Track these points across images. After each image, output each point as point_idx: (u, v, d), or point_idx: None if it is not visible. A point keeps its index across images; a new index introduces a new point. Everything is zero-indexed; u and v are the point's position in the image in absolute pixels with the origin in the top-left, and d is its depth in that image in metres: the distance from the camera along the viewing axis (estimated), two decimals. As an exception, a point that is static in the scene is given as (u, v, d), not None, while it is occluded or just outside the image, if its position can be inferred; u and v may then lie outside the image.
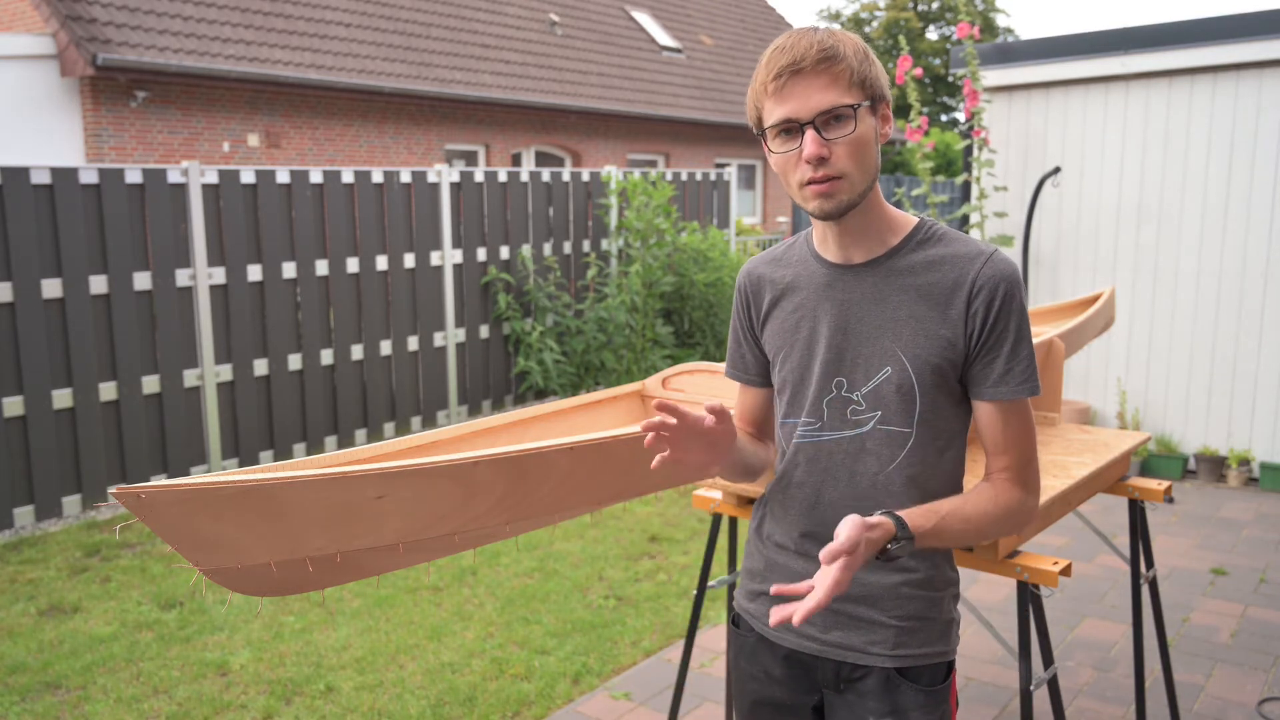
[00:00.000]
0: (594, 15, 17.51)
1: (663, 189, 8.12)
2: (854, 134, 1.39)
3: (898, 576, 1.51)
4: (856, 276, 1.50)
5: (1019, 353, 1.44)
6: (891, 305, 1.47)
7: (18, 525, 5.02)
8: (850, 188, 1.41)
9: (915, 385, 1.46)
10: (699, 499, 2.64)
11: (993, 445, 1.48)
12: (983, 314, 1.43)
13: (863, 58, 1.41)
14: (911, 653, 1.51)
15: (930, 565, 1.53)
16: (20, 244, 4.92)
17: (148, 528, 1.70)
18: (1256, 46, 5.36)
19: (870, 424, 1.49)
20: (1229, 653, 3.63)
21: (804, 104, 1.38)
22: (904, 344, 1.46)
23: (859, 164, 1.41)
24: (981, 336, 1.44)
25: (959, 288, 1.44)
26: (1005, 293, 1.43)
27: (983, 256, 1.45)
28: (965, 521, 1.42)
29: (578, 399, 2.20)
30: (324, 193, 6.29)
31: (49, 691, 3.40)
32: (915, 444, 1.48)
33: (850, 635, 1.53)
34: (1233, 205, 5.59)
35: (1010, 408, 1.46)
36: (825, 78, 1.38)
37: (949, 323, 1.44)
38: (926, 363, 1.45)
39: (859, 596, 1.53)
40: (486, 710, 3.26)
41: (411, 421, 6.92)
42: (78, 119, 10.37)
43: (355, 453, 1.66)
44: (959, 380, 1.48)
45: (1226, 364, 5.69)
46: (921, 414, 1.47)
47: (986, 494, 1.46)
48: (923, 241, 1.49)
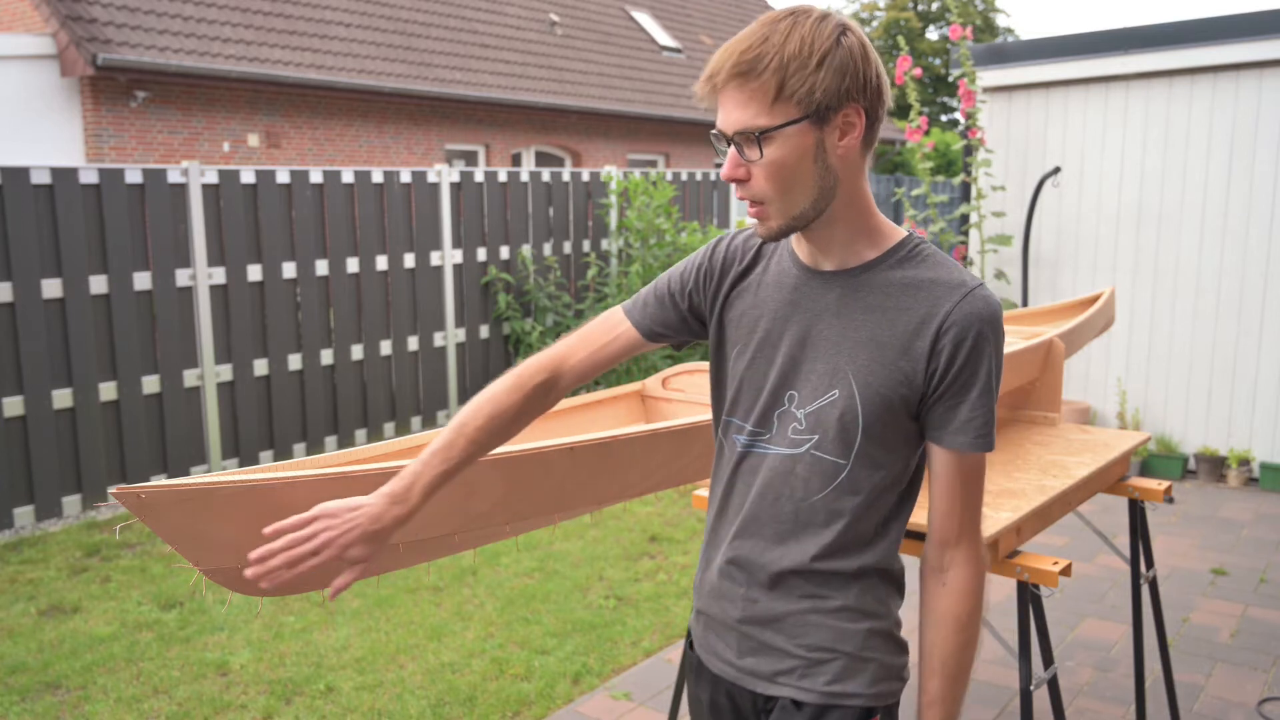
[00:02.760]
0: (594, 15, 17.52)
1: (664, 189, 8.12)
2: (763, 160, 1.25)
3: (806, 603, 1.38)
4: (824, 285, 1.37)
5: (983, 404, 1.30)
6: (854, 323, 1.34)
7: (18, 525, 5.02)
8: (779, 213, 1.29)
9: (859, 415, 1.32)
10: (699, 499, 2.64)
11: (941, 501, 1.34)
12: (949, 353, 1.29)
13: (800, 65, 1.21)
14: (816, 687, 1.37)
15: (845, 592, 1.38)
16: (20, 244, 4.92)
17: (148, 528, 1.70)
18: (1256, 46, 5.36)
19: (805, 447, 1.36)
20: (1229, 653, 3.63)
21: (726, 119, 1.27)
22: (856, 368, 1.33)
23: (780, 188, 1.26)
24: (945, 378, 1.30)
25: (929, 320, 1.29)
26: (978, 334, 1.28)
27: (962, 290, 1.30)
28: (951, 668, 1.34)
29: (578, 399, 2.20)
30: (324, 193, 6.29)
31: (49, 691, 3.40)
32: (847, 479, 1.35)
33: (760, 662, 1.42)
34: (1233, 205, 5.59)
35: (967, 462, 1.33)
36: (741, 94, 1.24)
37: (910, 355, 1.30)
38: (877, 393, 1.31)
39: (767, 620, 1.41)
40: (486, 710, 3.26)
41: (411, 421, 6.92)
42: (78, 119, 10.37)
43: (355, 453, 1.66)
44: (914, 418, 1.34)
45: (1226, 364, 5.69)
46: (861, 448, 1.33)
47: (946, 611, 1.35)
48: (904, 260, 1.34)
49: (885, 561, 1.40)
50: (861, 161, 1.31)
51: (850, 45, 1.24)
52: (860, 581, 1.38)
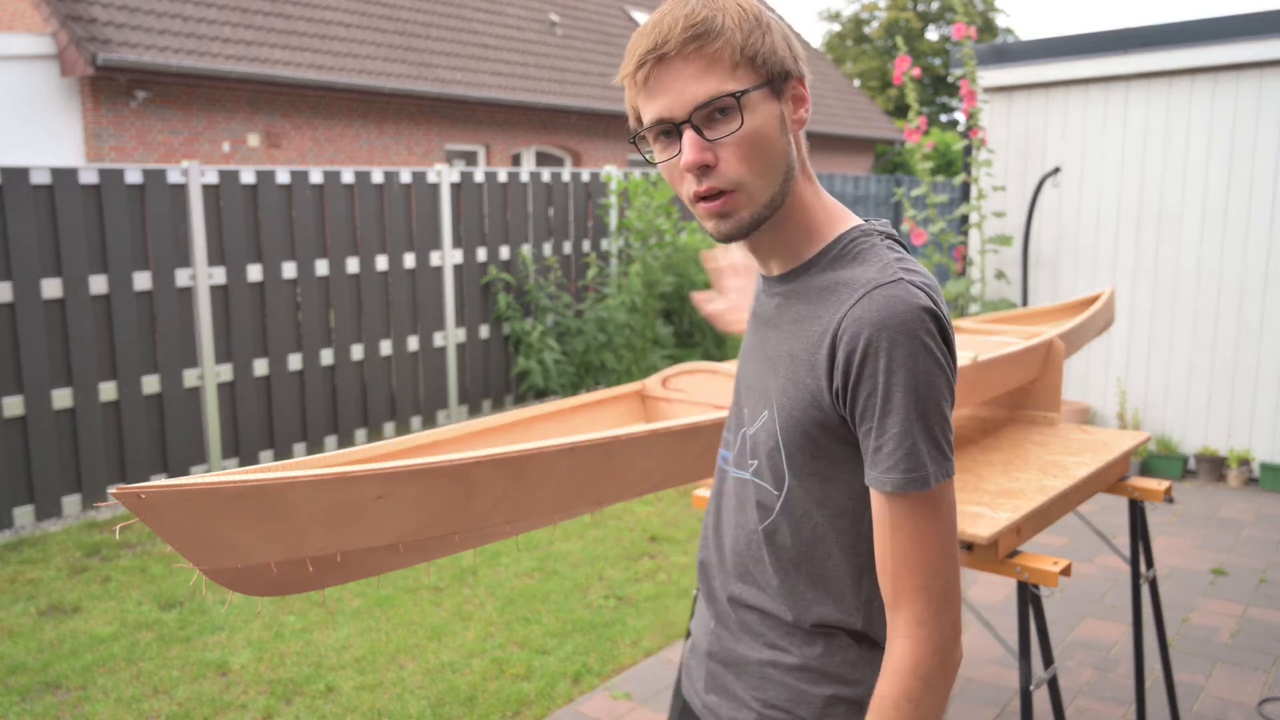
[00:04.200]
0: (594, 15, 17.52)
1: (664, 189, 8.12)
2: (743, 129, 1.08)
3: (766, 653, 1.23)
4: (768, 292, 1.24)
5: (886, 428, 1.06)
6: (781, 335, 1.18)
7: (18, 525, 5.02)
8: (749, 201, 1.11)
9: (780, 443, 1.17)
10: (699, 499, 2.64)
11: (877, 558, 1.12)
12: (843, 368, 1.08)
13: (753, 26, 1.09)
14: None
15: (807, 649, 1.20)
16: (20, 244, 4.92)
17: (148, 528, 1.70)
18: (1256, 46, 5.37)
19: (749, 471, 1.23)
20: (1229, 653, 3.63)
21: (677, 98, 1.08)
22: (777, 388, 1.17)
23: (756, 168, 1.10)
24: (848, 399, 1.09)
25: (829, 328, 1.10)
26: (869, 342, 1.05)
27: (865, 288, 1.09)
28: None
29: (578, 399, 2.20)
30: (324, 193, 6.29)
31: (49, 691, 3.40)
32: (783, 514, 1.19)
33: (721, 704, 1.29)
34: (1233, 205, 5.59)
35: (891, 504, 1.07)
36: (698, 61, 1.07)
37: (814, 372, 1.12)
38: (792, 417, 1.15)
39: (729, 662, 1.28)
40: (486, 710, 3.26)
41: (411, 421, 6.92)
42: (78, 119, 10.38)
43: (355, 453, 1.66)
44: (852, 444, 1.13)
45: (1226, 364, 5.69)
46: (792, 480, 1.17)
47: (877, 688, 1.11)
48: (837, 258, 1.16)
49: (862, 624, 1.20)
50: (803, 147, 1.17)
51: (777, 18, 1.14)
52: (826, 640, 1.20)
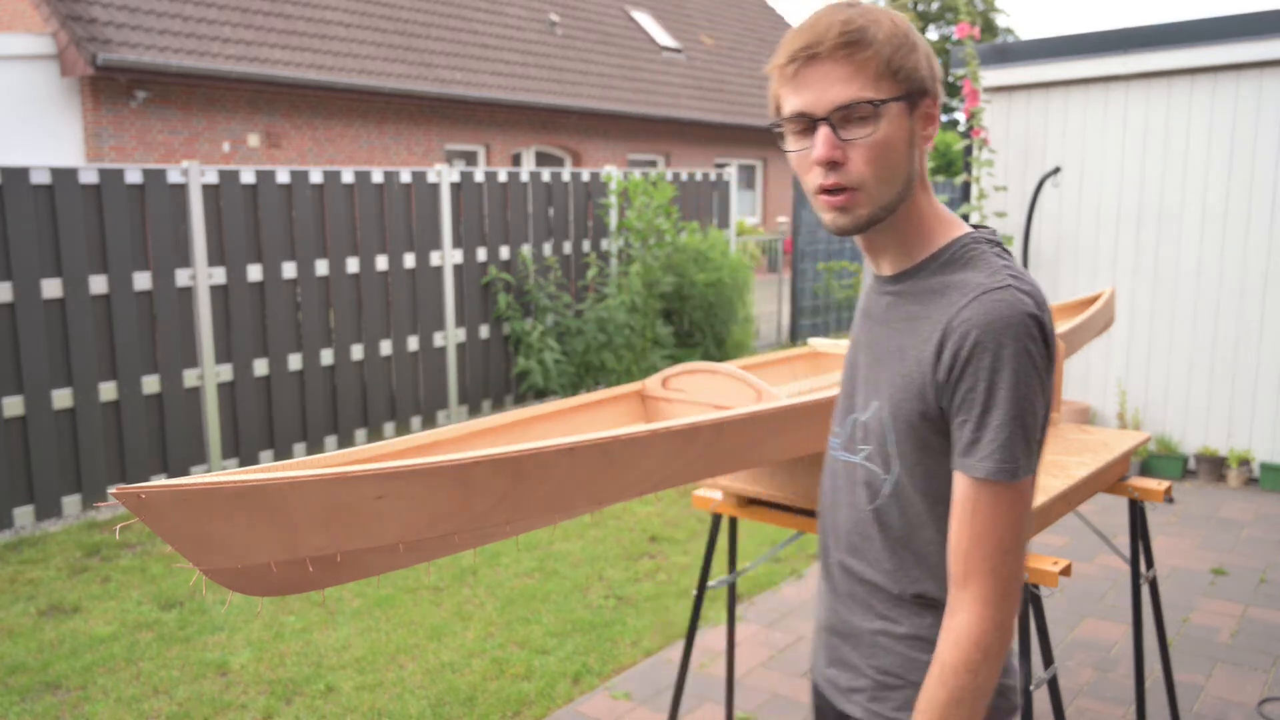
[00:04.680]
0: (594, 15, 17.52)
1: (664, 189, 8.12)
2: (875, 136, 1.17)
3: (878, 624, 1.33)
4: (880, 291, 1.33)
5: (988, 421, 1.15)
6: (892, 332, 1.28)
7: (18, 525, 5.02)
8: (869, 201, 1.20)
9: (889, 431, 1.27)
10: (699, 499, 2.64)
11: (951, 533, 1.20)
12: (949, 364, 1.18)
13: (900, 43, 1.17)
14: (884, 713, 1.32)
15: (916, 620, 1.30)
16: (20, 244, 4.92)
17: (148, 528, 1.70)
18: (1256, 46, 5.36)
19: (860, 455, 1.33)
20: (1229, 653, 3.63)
21: (820, 96, 1.17)
22: (888, 380, 1.28)
23: (880, 173, 1.19)
24: (948, 392, 1.19)
25: (938, 327, 1.20)
26: (976, 343, 1.15)
27: (975, 291, 1.18)
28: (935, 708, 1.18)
29: (578, 399, 2.20)
30: (324, 193, 6.29)
31: (49, 691, 3.40)
32: (891, 495, 1.29)
33: (839, 675, 1.39)
34: (1233, 205, 5.59)
35: (975, 489, 1.16)
36: (847, 66, 1.16)
37: (921, 368, 1.22)
38: (900, 407, 1.25)
39: (846, 634, 1.38)
40: (486, 710, 3.26)
41: (411, 421, 6.92)
42: (78, 119, 10.38)
43: (355, 453, 1.65)
44: (948, 438, 1.23)
45: (1226, 364, 5.69)
46: (899, 463, 1.27)
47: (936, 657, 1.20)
48: (947, 263, 1.25)
49: None
50: (925, 160, 1.27)
51: (924, 40, 1.22)
52: (934, 612, 1.29)
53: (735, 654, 3.11)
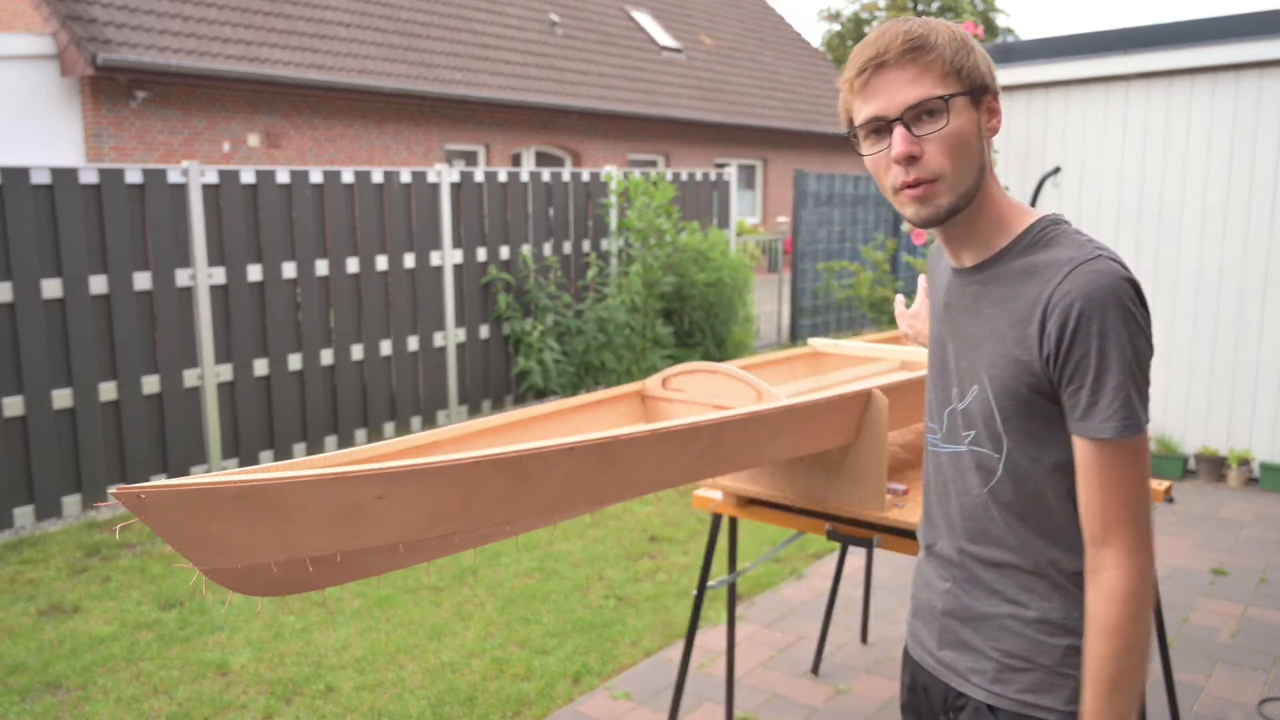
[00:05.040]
0: (594, 15, 17.52)
1: (664, 189, 8.12)
2: (947, 128, 1.26)
3: (1005, 608, 1.37)
4: (964, 282, 1.39)
5: (1103, 384, 1.22)
6: (983, 318, 1.35)
7: (18, 525, 5.02)
8: (949, 189, 1.29)
9: (995, 410, 1.33)
10: (699, 499, 2.64)
11: (1083, 497, 1.27)
12: (1056, 336, 1.24)
13: (959, 46, 1.28)
14: (1009, 694, 1.36)
15: (1043, 603, 1.35)
16: (20, 244, 4.92)
17: (148, 528, 1.70)
18: (1256, 46, 5.36)
19: (966, 443, 1.39)
20: (1229, 653, 3.63)
21: (891, 99, 1.27)
22: (986, 363, 1.34)
23: (956, 162, 1.28)
24: (1059, 362, 1.25)
25: (1037, 304, 1.27)
26: (1081, 312, 1.22)
27: (1069, 265, 1.25)
28: (1101, 680, 1.24)
29: (578, 399, 2.20)
30: (324, 193, 6.29)
31: (49, 691, 3.40)
32: (1005, 473, 1.35)
33: (958, 657, 1.43)
34: (1233, 205, 5.59)
35: (1101, 450, 1.24)
36: (913, 69, 1.27)
37: (1025, 344, 1.28)
38: (1004, 386, 1.31)
39: (967, 617, 1.42)
40: (486, 710, 3.26)
41: (411, 421, 6.92)
42: (78, 119, 10.38)
43: (355, 453, 1.65)
44: (1060, 406, 1.29)
45: (1226, 364, 5.69)
46: (1010, 441, 1.33)
47: (1094, 617, 1.26)
48: (1030, 245, 1.32)
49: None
50: (990, 152, 1.35)
51: (978, 44, 1.32)
52: (1061, 593, 1.34)
53: (735, 654, 3.11)
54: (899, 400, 2.35)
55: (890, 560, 4.55)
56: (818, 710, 3.28)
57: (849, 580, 4.26)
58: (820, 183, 11.03)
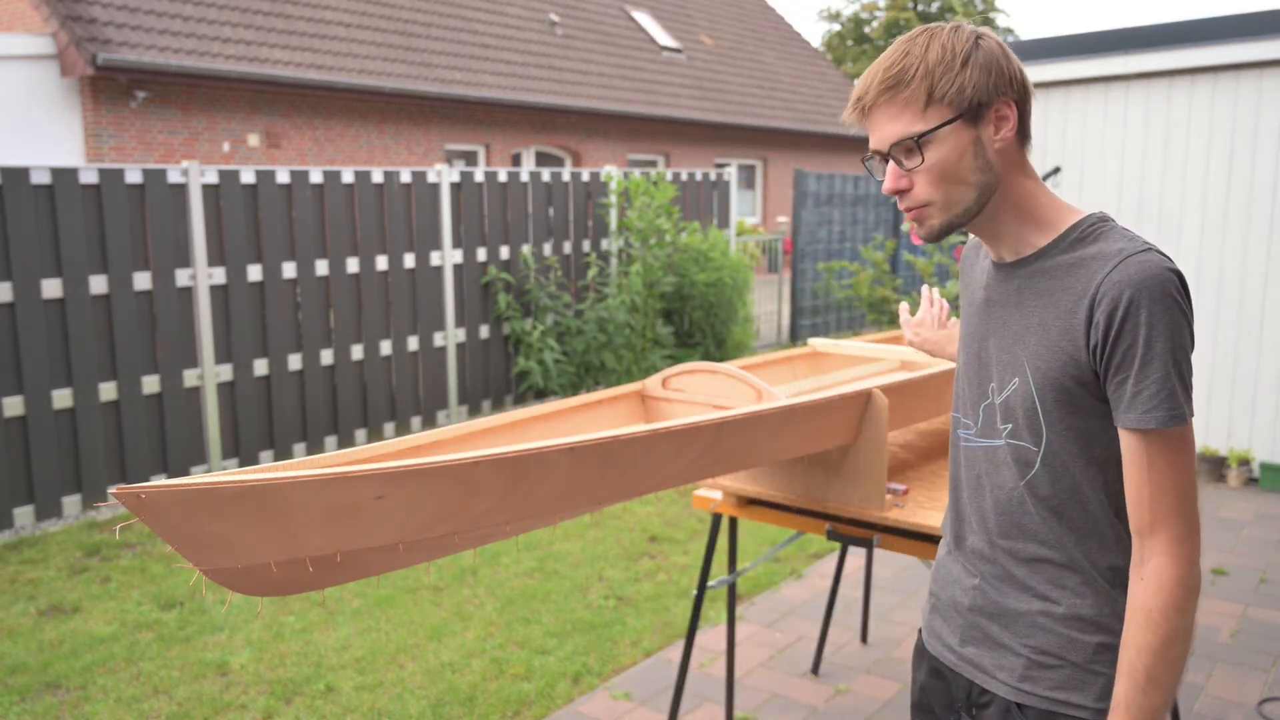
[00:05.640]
0: (594, 15, 17.52)
1: (665, 189, 8.12)
2: (926, 164, 1.30)
3: (1037, 604, 1.38)
4: (1006, 277, 1.41)
5: (1148, 374, 1.23)
6: (1027, 310, 1.36)
7: (18, 525, 5.02)
8: (939, 212, 1.33)
9: (1037, 402, 1.34)
10: (699, 499, 2.64)
11: (1130, 487, 1.27)
12: (1104, 325, 1.25)
13: (945, 69, 1.28)
14: (1038, 692, 1.37)
15: (1075, 599, 1.36)
16: (20, 244, 4.92)
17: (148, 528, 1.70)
18: (1256, 46, 5.36)
19: (1003, 437, 1.40)
20: (1229, 653, 3.63)
21: (879, 136, 1.33)
22: (1030, 355, 1.34)
23: (943, 190, 1.31)
24: (1106, 352, 1.26)
25: (1084, 295, 1.28)
26: (1130, 301, 1.22)
27: (1118, 257, 1.26)
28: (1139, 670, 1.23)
29: (578, 399, 2.20)
30: (324, 193, 6.29)
31: (49, 691, 3.40)
32: (1043, 466, 1.35)
33: (983, 654, 1.43)
34: (1233, 205, 5.59)
35: (1146, 440, 1.24)
36: (892, 108, 1.31)
37: (1070, 335, 1.29)
38: (1047, 377, 1.32)
39: (995, 614, 1.43)
40: (486, 710, 3.26)
41: (411, 421, 6.92)
42: (78, 119, 10.38)
43: (355, 453, 1.65)
44: (1101, 399, 1.30)
45: (1226, 364, 5.69)
46: (1050, 434, 1.34)
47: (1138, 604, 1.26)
48: (1077, 240, 1.33)
49: (1122, 560, 1.35)
50: (1020, 153, 1.35)
51: (989, 46, 1.31)
52: (1093, 589, 1.35)
53: (735, 654, 3.11)
54: (899, 400, 2.35)
55: (890, 560, 4.55)
56: (818, 710, 3.28)
57: (849, 580, 4.26)
58: (820, 183, 11.03)
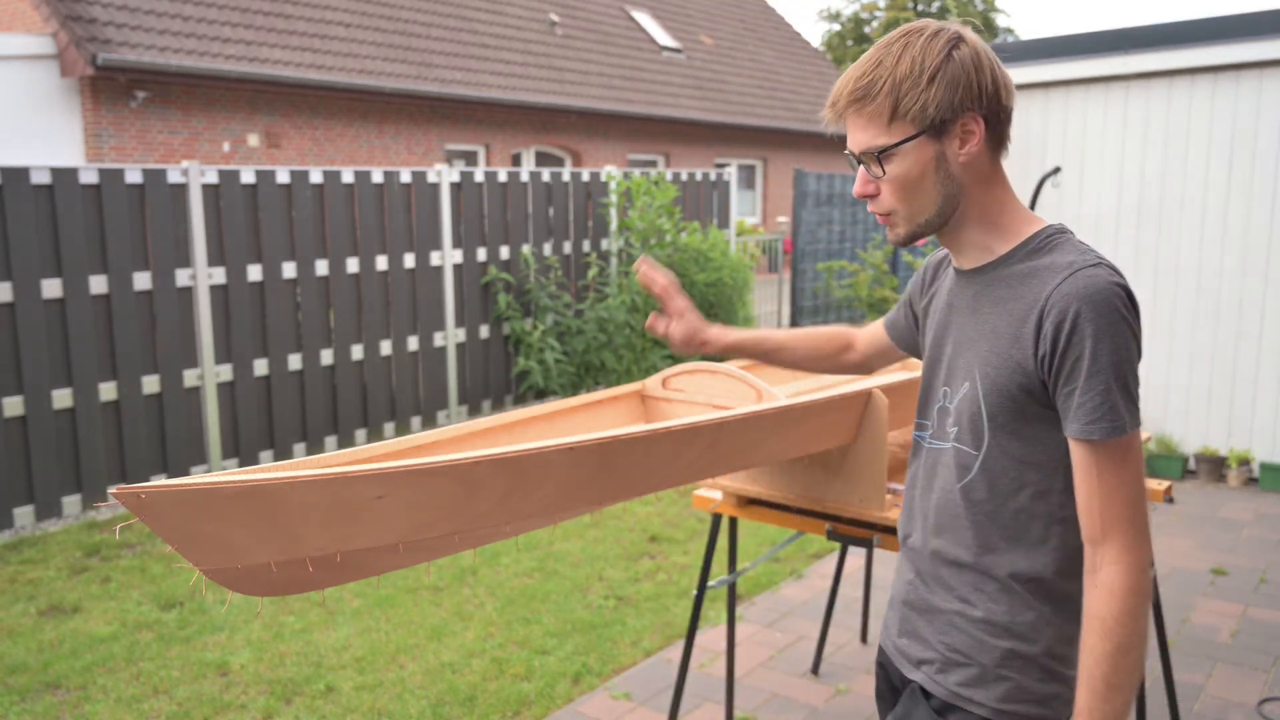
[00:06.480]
0: (594, 15, 17.52)
1: (665, 189, 8.12)
2: (892, 174, 1.34)
3: (955, 605, 1.42)
4: (965, 283, 1.44)
5: (1093, 385, 1.25)
6: (981, 317, 1.39)
7: (18, 525, 5.02)
8: (904, 221, 1.37)
9: (983, 407, 1.37)
10: (699, 499, 2.64)
11: (1079, 496, 1.30)
12: (1052, 336, 1.27)
13: (912, 85, 1.29)
14: (948, 688, 1.42)
15: (990, 604, 1.39)
16: (20, 244, 4.92)
17: (148, 528, 1.70)
18: (1256, 46, 5.36)
19: (951, 440, 1.43)
20: (1229, 653, 3.63)
21: (851, 141, 1.37)
22: (980, 361, 1.37)
23: (906, 200, 1.35)
24: (1054, 363, 1.28)
25: (1035, 304, 1.30)
26: (1077, 314, 1.25)
27: (1068, 269, 1.29)
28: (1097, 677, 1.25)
29: (578, 399, 2.20)
30: (324, 193, 6.29)
31: (49, 691, 3.40)
32: (981, 470, 1.38)
33: (910, 645, 1.49)
34: (1233, 205, 5.59)
35: (1094, 450, 1.27)
36: (860, 119, 1.34)
37: (1020, 343, 1.32)
38: (995, 384, 1.35)
39: (923, 609, 1.48)
40: (486, 710, 3.26)
41: (411, 421, 6.92)
42: (78, 119, 10.38)
43: (355, 453, 1.65)
44: (1049, 408, 1.33)
45: (1226, 364, 5.69)
46: (991, 439, 1.37)
47: (1093, 612, 1.27)
48: (1034, 250, 1.36)
49: (1048, 573, 1.37)
50: (991, 164, 1.37)
51: (962, 57, 1.31)
52: (1010, 598, 1.37)
53: (735, 654, 3.11)
54: (899, 400, 2.35)
55: (890, 560, 4.55)
56: (818, 710, 3.28)
57: (849, 580, 4.27)
58: (820, 183, 11.03)
